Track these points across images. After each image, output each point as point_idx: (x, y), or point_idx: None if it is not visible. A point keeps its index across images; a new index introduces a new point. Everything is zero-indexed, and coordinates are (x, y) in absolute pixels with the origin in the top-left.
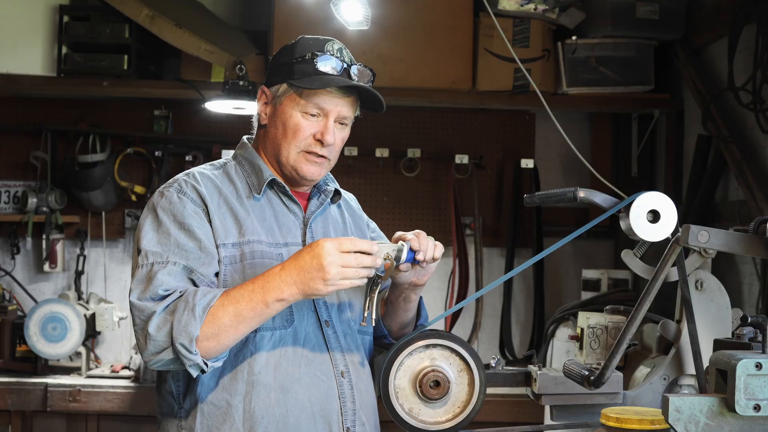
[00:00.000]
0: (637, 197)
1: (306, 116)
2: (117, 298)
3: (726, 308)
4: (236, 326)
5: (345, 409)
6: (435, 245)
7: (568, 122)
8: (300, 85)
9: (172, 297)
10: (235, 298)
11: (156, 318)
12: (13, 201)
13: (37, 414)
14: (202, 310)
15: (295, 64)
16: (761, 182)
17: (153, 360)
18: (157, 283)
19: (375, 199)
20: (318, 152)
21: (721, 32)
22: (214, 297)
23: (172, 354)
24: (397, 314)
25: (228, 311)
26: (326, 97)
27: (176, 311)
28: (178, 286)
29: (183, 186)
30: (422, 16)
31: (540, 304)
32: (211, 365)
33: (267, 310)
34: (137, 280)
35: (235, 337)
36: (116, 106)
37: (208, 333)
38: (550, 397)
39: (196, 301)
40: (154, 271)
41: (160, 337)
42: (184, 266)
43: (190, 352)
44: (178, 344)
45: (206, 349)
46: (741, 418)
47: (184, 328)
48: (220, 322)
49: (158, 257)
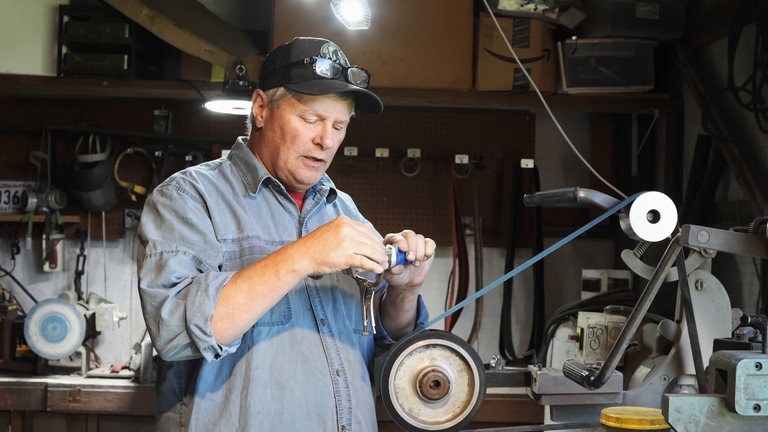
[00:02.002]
0: (637, 197)
1: (304, 121)
2: (117, 298)
3: (726, 308)
4: (250, 303)
5: (340, 407)
6: (426, 242)
7: (568, 122)
8: (299, 90)
9: (184, 283)
10: (248, 276)
11: (168, 303)
12: (13, 201)
13: (37, 414)
14: (215, 290)
15: (292, 68)
16: (761, 182)
17: (166, 348)
18: (169, 270)
19: (375, 199)
20: (317, 156)
21: (721, 32)
22: (227, 277)
23: (186, 338)
24: (396, 315)
25: (241, 288)
26: (325, 102)
27: (189, 294)
28: (189, 274)
29: (181, 183)
30: (422, 16)
31: (540, 304)
32: (226, 350)
33: (279, 282)
34: (147, 269)
35: (249, 316)
36: (116, 106)
37: (222, 313)
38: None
39: (209, 282)
40: (165, 258)
41: (173, 322)
42: (193, 256)
43: (205, 334)
44: (193, 325)
45: (221, 331)
46: (741, 418)
47: (198, 308)
48: (234, 300)
49: (167, 246)
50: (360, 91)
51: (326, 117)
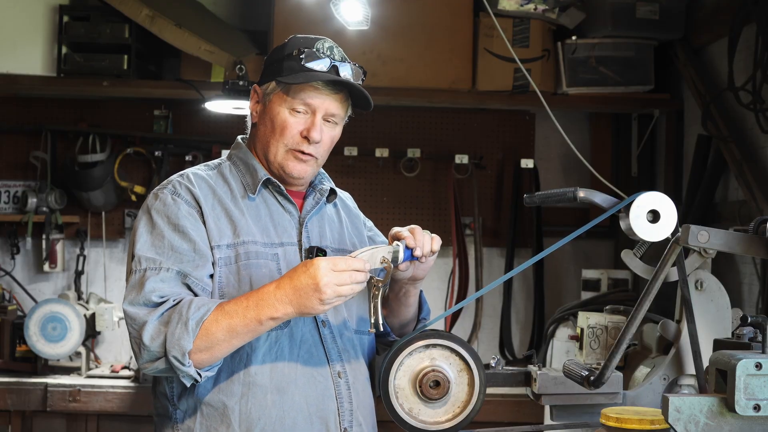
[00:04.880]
0: (637, 197)
1: (293, 113)
2: (117, 298)
3: (726, 308)
4: (229, 340)
5: (342, 409)
6: (432, 238)
7: (568, 122)
8: (285, 81)
9: (166, 306)
10: (229, 314)
11: (149, 328)
12: (13, 201)
13: (37, 414)
14: (195, 324)
15: (284, 62)
16: (761, 182)
17: (148, 368)
18: (149, 289)
19: (375, 199)
20: (304, 150)
21: (721, 32)
22: (208, 311)
23: (165, 364)
24: (398, 310)
25: (221, 326)
26: (312, 92)
27: (170, 323)
28: (172, 292)
29: (177, 187)
30: (422, 16)
31: (540, 304)
32: (205, 375)
33: (260, 327)
34: (130, 287)
35: (228, 349)
36: (116, 106)
37: (201, 346)
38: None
39: (189, 315)
40: (147, 276)
41: (154, 348)
42: (177, 271)
43: (183, 365)
44: (171, 357)
45: (199, 361)
46: (741, 418)
47: (177, 342)
48: (213, 336)
49: (151, 263)
50: (346, 83)
51: (315, 108)
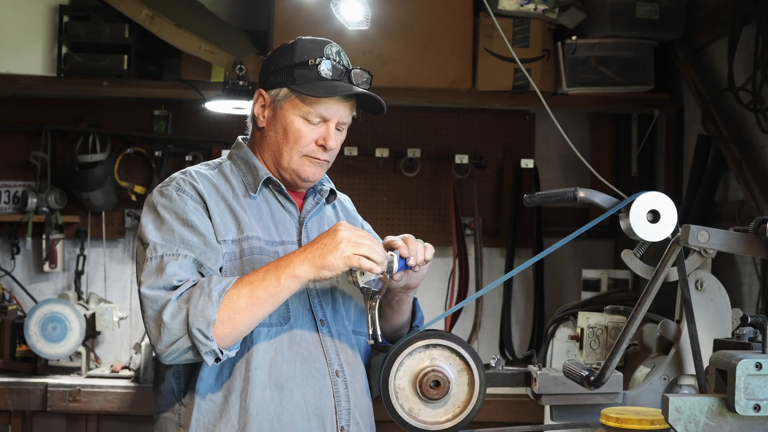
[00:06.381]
0: (637, 197)
1: (307, 122)
2: (117, 298)
3: (726, 308)
4: (251, 308)
5: (339, 408)
6: (425, 247)
7: (568, 122)
8: (303, 91)
9: (186, 286)
10: (249, 281)
11: (171, 306)
12: (13, 201)
13: (37, 414)
14: (218, 295)
15: (295, 69)
16: (761, 182)
17: (167, 351)
18: (170, 273)
19: (375, 199)
20: (320, 157)
21: (721, 32)
22: (230, 282)
23: (187, 342)
24: (391, 317)
25: (243, 293)
26: (329, 104)
27: (191, 298)
28: (190, 277)
29: (181, 184)
30: (422, 16)
31: (540, 304)
32: (226, 354)
33: (280, 287)
34: (147, 272)
35: (250, 320)
36: (116, 106)
37: (224, 317)
38: (550, 397)
39: (212, 287)
40: (165, 262)
41: (175, 325)
42: (194, 259)
43: (207, 338)
44: (195, 329)
45: (222, 335)
46: (741, 418)
47: (201, 313)
48: (236, 304)
49: (168, 249)
50: (365, 93)
51: (330, 119)
